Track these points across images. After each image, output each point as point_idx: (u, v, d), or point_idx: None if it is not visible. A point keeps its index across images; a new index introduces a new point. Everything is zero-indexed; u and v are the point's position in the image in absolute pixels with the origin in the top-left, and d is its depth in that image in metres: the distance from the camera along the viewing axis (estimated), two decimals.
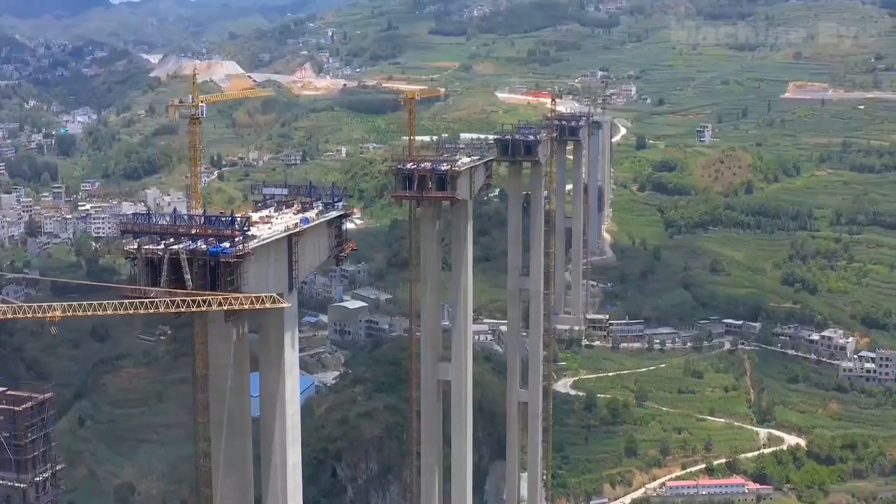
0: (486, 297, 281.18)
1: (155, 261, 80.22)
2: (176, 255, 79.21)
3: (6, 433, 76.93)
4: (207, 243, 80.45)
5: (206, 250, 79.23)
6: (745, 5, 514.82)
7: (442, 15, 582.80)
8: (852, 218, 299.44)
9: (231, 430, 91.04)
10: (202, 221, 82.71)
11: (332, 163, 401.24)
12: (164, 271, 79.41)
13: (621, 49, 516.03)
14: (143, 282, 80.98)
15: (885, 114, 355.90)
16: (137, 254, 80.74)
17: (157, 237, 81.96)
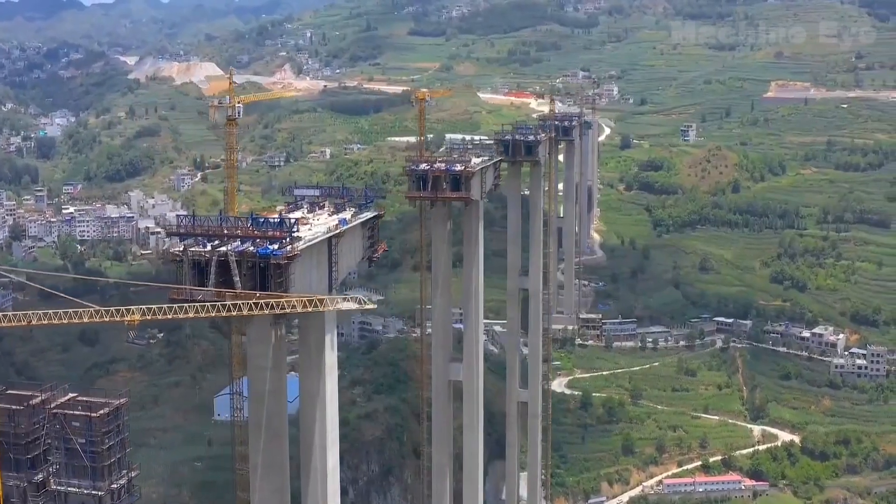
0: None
1: (202, 263, 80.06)
2: (224, 257, 79.04)
3: (82, 440, 75.79)
4: (255, 245, 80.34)
5: (256, 252, 79.11)
6: (724, 5, 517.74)
7: (420, 16, 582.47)
8: (839, 216, 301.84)
9: (270, 433, 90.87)
10: (249, 223, 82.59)
11: (316, 164, 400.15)
12: (213, 273, 79.25)
13: (601, 49, 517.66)
14: (188, 284, 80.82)
15: (869, 112, 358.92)
16: (183, 256, 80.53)
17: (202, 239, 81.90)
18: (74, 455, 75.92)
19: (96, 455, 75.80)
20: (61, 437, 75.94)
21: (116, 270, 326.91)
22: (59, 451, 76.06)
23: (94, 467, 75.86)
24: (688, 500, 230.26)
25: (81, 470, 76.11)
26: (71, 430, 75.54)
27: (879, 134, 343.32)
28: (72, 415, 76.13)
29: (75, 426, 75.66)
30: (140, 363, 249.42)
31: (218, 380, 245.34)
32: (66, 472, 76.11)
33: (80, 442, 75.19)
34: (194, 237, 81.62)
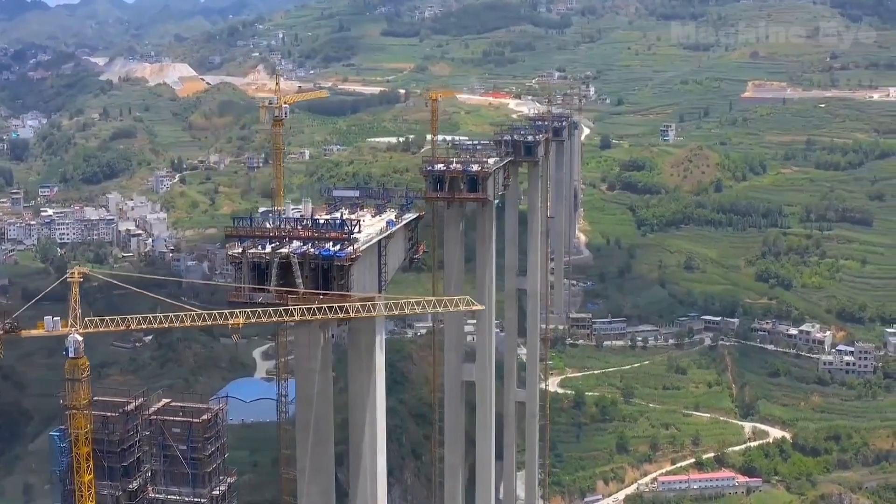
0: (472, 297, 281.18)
1: (262, 265, 79.87)
2: (286, 259, 78.86)
3: (182, 446, 75.02)
4: (315, 246, 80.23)
5: (318, 253, 78.99)
6: (697, 5, 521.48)
7: (393, 16, 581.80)
8: (822, 214, 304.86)
9: (317, 436, 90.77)
10: (309, 224, 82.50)
11: (296, 165, 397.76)
12: (273, 275, 79.08)
13: (575, 50, 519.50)
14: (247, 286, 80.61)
15: (846, 112, 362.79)
16: (242, 258, 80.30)
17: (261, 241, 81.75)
18: (174, 462, 75.15)
19: (198, 461, 75.12)
20: (160, 443, 75.12)
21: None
22: (157, 458, 75.25)
23: (194, 474, 75.13)
24: (683, 498, 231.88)
25: (181, 477, 75.35)
26: (171, 437, 74.81)
27: (858, 133, 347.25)
28: (171, 421, 75.37)
29: (175, 432, 74.98)
30: (132, 367, 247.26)
31: (211, 383, 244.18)
32: (165, 479, 75.38)
33: (180, 448, 74.42)
34: (252, 239, 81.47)
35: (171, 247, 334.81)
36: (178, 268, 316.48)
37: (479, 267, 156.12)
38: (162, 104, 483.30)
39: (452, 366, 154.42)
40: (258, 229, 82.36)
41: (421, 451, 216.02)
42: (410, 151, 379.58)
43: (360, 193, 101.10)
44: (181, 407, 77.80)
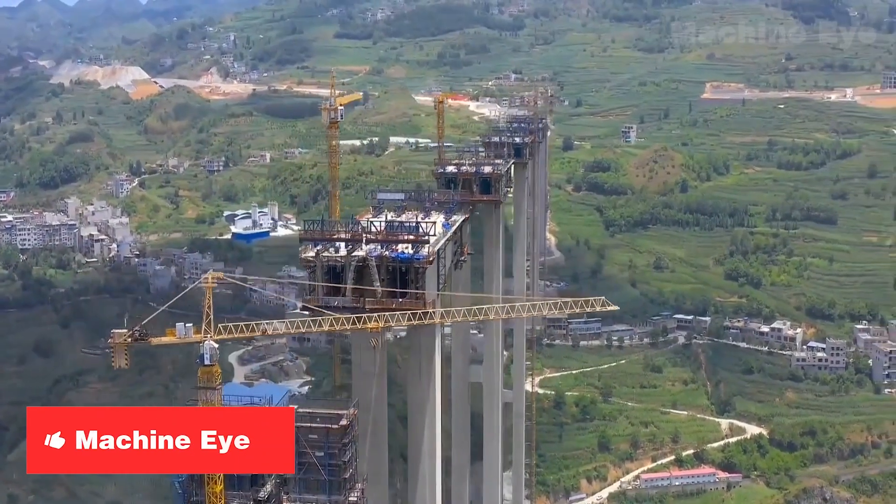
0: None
1: (337, 268, 79.89)
2: (363, 262, 78.98)
3: (320, 453, 74.21)
4: (389, 249, 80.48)
5: (395, 256, 79.26)
6: (650, 7, 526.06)
7: (345, 18, 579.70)
8: (787, 213, 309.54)
9: (374, 440, 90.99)
10: (383, 227, 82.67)
11: (257, 168, 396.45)
12: (350, 278, 79.16)
13: (530, 52, 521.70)
14: (320, 290, 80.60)
15: (806, 112, 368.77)
16: (316, 261, 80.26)
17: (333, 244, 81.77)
18: (310, 469, 74.42)
19: (335, 468, 74.49)
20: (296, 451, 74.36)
21: (61, 279, 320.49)
22: None
23: (331, 481, 74.45)
24: (665, 495, 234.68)
25: (315, 484, 74.52)
26: (307, 444, 74.15)
27: (818, 133, 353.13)
28: (308, 427, 74.68)
29: (312, 439, 74.25)
30: (110, 375, 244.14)
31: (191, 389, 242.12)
32: (299, 486, 74.65)
33: (317, 455, 73.66)
34: (327, 242, 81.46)
35: (135, 251, 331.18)
36: (145, 273, 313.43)
37: (487, 268, 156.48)
38: (115, 107, 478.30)
39: (459, 367, 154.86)
40: (332, 232, 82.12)
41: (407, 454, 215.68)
42: (375, 154, 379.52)
43: (404, 196, 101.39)
44: (310, 413, 77.10)
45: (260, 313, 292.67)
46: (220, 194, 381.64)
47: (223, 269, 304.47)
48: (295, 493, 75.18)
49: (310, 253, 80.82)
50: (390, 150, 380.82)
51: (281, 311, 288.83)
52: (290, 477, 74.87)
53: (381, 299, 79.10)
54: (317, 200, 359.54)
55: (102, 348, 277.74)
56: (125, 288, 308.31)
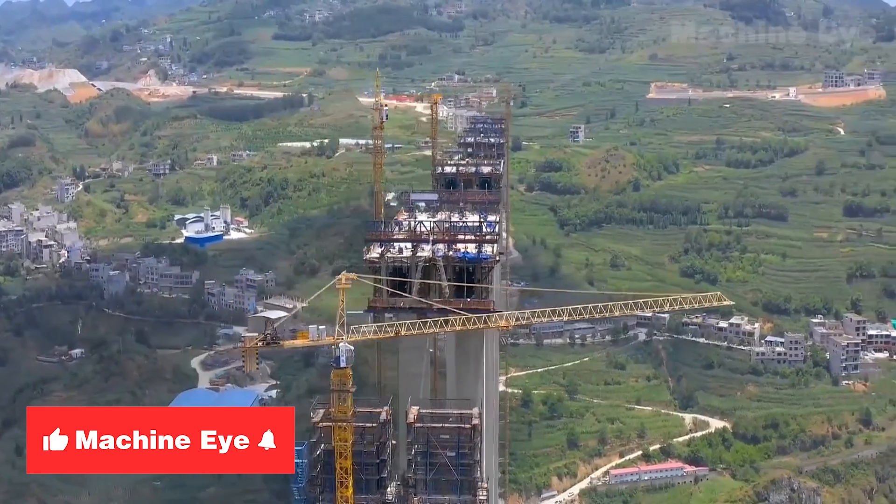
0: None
1: (403, 269, 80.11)
2: (431, 262, 79.29)
3: (451, 453, 74.03)
4: (453, 249, 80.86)
5: (463, 256, 79.72)
6: (589, 9, 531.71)
7: (283, 20, 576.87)
8: (739, 211, 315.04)
9: None
10: (447, 228, 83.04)
11: (204, 171, 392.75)
12: (417, 278, 79.40)
13: (471, 53, 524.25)
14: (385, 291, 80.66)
15: (751, 112, 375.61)
16: (381, 262, 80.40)
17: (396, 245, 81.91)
18: (441, 469, 74.28)
19: (466, 467, 74.45)
20: (426, 451, 74.23)
21: (11, 286, 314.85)
22: (420, 467, 74.33)
23: (461, 480, 74.39)
24: (635, 490, 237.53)
25: (446, 484, 74.43)
26: (438, 444, 73.99)
27: (764, 132, 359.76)
28: (439, 428, 74.55)
29: (444, 439, 74.14)
30: (75, 382, 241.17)
31: (158, 395, 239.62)
32: (429, 487, 74.55)
33: (449, 455, 73.55)
34: (392, 243, 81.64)
35: (86, 257, 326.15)
36: (98, 278, 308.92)
37: None
38: (54, 111, 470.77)
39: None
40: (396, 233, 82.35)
41: None
42: (325, 155, 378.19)
43: (437, 197, 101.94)
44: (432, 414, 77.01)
45: (218, 317, 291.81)
46: (168, 198, 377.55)
47: (179, 273, 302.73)
48: (424, 493, 75.12)
49: (374, 254, 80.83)
50: (341, 152, 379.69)
51: (241, 315, 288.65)
52: (420, 478, 74.91)
53: (448, 299, 79.47)
54: (269, 203, 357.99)
55: (59, 356, 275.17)
56: (78, 294, 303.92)
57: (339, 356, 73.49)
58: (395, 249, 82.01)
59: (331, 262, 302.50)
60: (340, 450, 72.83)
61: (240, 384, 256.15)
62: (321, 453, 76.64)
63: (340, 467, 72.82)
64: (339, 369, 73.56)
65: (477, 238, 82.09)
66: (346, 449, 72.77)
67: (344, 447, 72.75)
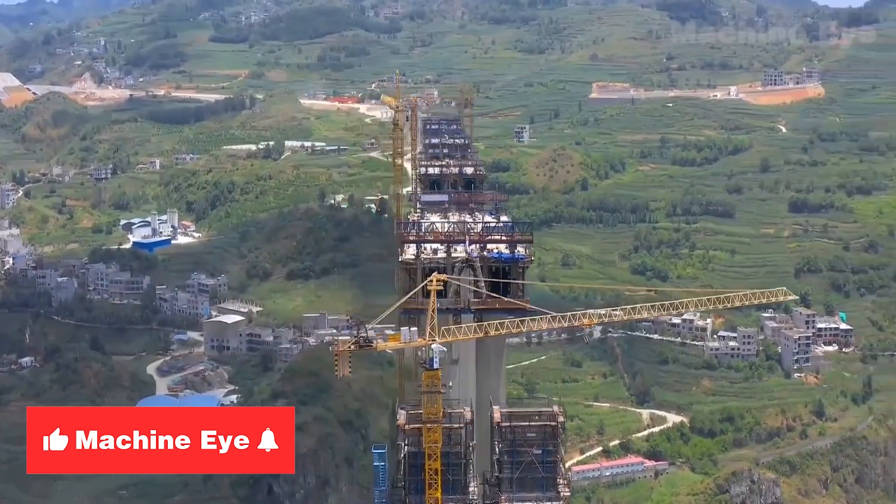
0: (360, 304, 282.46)
1: (440, 270, 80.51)
2: (468, 263, 79.87)
3: (538, 451, 74.44)
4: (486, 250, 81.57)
5: (499, 256, 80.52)
6: (527, 9, 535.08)
7: (219, 22, 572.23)
8: (686, 208, 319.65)
9: None
10: (480, 229, 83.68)
11: (147, 175, 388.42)
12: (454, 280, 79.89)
13: (409, 54, 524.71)
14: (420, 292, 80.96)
15: (694, 111, 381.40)
16: (417, 263, 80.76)
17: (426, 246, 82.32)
18: (527, 468, 74.70)
19: (551, 465, 75.06)
20: (512, 450, 74.56)
21: None
22: (507, 466, 74.64)
23: (546, 478, 74.91)
24: (596, 485, 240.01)
25: (531, 482, 74.88)
26: (525, 442, 74.45)
27: (707, 130, 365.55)
28: (527, 426, 74.98)
29: (530, 437, 74.60)
30: (32, 391, 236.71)
31: (117, 402, 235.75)
32: (515, 486, 74.98)
33: (535, 454, 74.01)
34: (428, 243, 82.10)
35: (31, 264, 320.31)
36: (45, 285, 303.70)
37: None
38: None
39: None
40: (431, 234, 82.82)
41: (352, 459, 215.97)
42: (272, 158, 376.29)
43: (448, 198, 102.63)
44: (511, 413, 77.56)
45: (172, 323, 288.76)
46: (111, 202, 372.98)
47: (129, 279, 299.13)
48: (510, 492, 75.71)
49: (409, 255, 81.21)
50: (287, 155, 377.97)
51: (195, 320, 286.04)
52: (506, 476, 75.36)
53: (485, 299, 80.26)
54: (215, 206, 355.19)
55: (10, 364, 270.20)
56: (25, 302, 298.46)
57: (433, 357, 73.96)
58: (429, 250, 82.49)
59: (284, 264, 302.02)
60: (431, 451, 73.29)
61: (198, 390, 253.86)
62: (406, 455, 76.90)
63: (430, 469, 73.27)
64: (431, 370, 74.01)
65: (512, 238, 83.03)
66: (437, 450, 73.33)
67: (434, 449, 73.29)
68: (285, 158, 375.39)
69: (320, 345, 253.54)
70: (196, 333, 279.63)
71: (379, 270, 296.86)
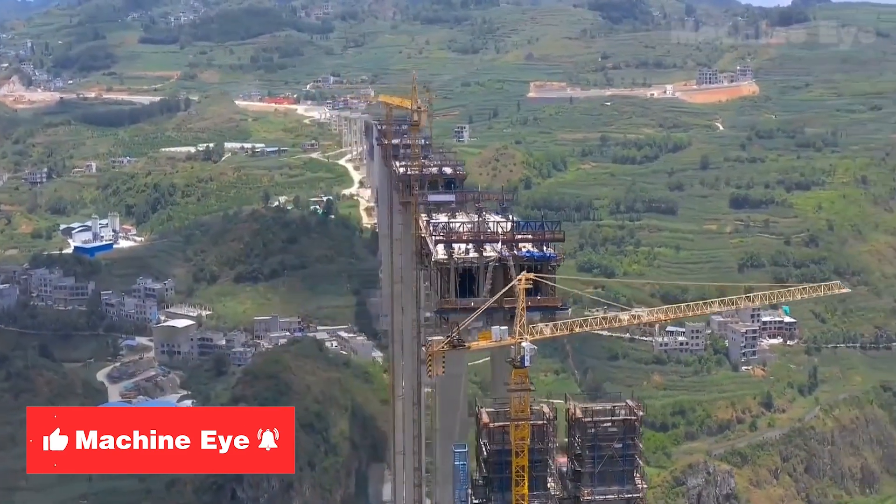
0: (313, 306, 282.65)
1: (473, 270, 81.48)
2: (503, 262, 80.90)
3: (618, 445, 75.39)
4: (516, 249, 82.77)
5: (531, 255, 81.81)
6: (459, 10, 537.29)
7: (148, 23, 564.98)
8: (630, 206, 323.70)
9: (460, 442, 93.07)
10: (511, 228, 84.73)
11: (84, 179, 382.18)
12: (488, 279, 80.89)
13: (343, 55, 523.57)
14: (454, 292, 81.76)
15: (632, 109, 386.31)
16: (450, 263, 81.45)
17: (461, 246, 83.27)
18: (608, 462, 75.81)
19: (630, 458, 76.25)
20: (594, 445, 75.58)
21: None
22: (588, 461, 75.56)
23: (626, 471, 76.10)
24: None
25: (611, 476, 76.10)
26: (606, 437, 75.55)
27: (646, 129, 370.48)
28: (607, 421, 75.97)
29: (612, 432, 75.66)
30: None
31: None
32: (596, 480, 76.01)
33: (615, 448, 75.06)
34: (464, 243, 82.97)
35: None
36: None
37: None
38: None
39: (410, 371, 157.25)
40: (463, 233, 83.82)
41: (314, 461, 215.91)
42: (212, 160, 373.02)
43: (455, 197, 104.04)
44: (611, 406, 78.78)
45: (119, 328, 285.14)
46: (48, 207, 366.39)
47: (74, 284, 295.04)
48: (590, 485, 77.02)
49: (442, 255, 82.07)
50: (227, 156, 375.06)
51: (143, 325, 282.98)
52: (587, 471, 76.40)
53: None
54: (156, 209, 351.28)
55: None
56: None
57: (524, 355, 75.59)
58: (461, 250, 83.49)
59: (231, 267, 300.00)
60: (518, 448, 74.75)
61: (151, 395, 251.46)
62: (490, 453, 77.84)
63: (517, 466, 74.70)
64: (521, 368, 75.83)
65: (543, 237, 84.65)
66: (524, 447, 74.76)
67: (522, 446, 74.72)
68: (226, 160, 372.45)
69: (276, 347, 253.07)
70: (145, 338, 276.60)
71: (328, 272, 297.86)
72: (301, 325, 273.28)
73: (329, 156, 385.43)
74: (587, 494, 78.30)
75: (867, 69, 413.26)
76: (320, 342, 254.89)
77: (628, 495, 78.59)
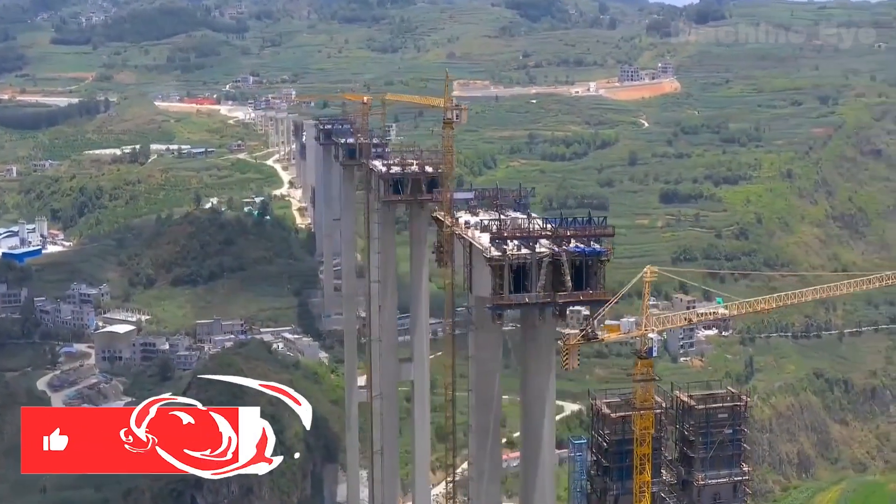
0: (255, 308, 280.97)
1: (527, 266, 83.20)
2: (553, 259, 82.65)
3: (728, 430, 77.75)
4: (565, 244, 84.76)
5: (582, 251, 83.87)
6: (376, 9, 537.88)
7: (59, 24, 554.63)
8: (562, 202, 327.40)
9: (496, 438, 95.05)
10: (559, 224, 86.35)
11: (5, 183, 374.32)
12: (543, 276, 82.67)
13: (260, 54, 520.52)
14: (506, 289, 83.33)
15: (557, 106, 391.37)
16: (504, 260, 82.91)
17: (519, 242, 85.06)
18: (720, 447, 78.54)
19: (739, 443, 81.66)
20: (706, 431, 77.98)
21: None
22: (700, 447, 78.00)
23: (735, 455, 78.79)
24: (504, 476, 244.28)
25: (721, 460, 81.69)
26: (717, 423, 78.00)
27: (572, 126, 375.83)
28: (719, 408, 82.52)
29: (722, 418, 77.97)
30: None
31: (17, 421, 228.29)
32: (708, 464, 78.48)
33: (726, 433, 77.22)
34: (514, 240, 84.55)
35: None
36: None
37: (415, 267, 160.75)
38: None
39: (390, 367, 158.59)
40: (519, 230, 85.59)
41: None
42: (139, 162, 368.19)
43: (474, 195, 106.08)
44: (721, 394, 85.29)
45: (56, 335, 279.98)
46: None
47: (6, 291, 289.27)
48: (702, 470, 79.88)
49: (496, 252, 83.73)
50: (153, 158, 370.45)
51: (80, 332, 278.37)
52: (700, 456, 78.99)
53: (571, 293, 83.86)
54: (83, 213, 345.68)
55: None
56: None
57: (651, 347, 78.52)
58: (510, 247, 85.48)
59: (168, 270, 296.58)
60: (642, 437, 77.18)
61: (94, 403, 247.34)
62: (609, 444, 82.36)
63: (640, 454, 77.14)
64: (646, 359, 78.63)
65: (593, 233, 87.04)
66: (648, 436, 77.30)
67: (645, 434, 77.23)
68: (152, 162, 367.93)
69: (224, 350, 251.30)
70: (84, 345, 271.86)
71: (267, 273, 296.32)
72: (244, 328, 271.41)
73: (257, 156, 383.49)
74: (700, 479, 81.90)
75: (784, 65, 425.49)
76: (268, 344, 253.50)
77: (737, 479, 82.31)
